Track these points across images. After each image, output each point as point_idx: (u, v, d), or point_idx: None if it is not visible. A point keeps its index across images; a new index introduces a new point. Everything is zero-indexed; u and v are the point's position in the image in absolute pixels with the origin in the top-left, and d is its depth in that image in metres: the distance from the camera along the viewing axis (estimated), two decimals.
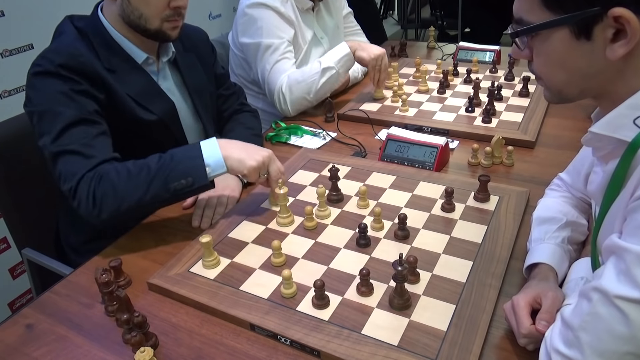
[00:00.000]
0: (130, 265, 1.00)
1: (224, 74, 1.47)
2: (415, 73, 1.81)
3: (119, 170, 1.00)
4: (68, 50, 1.07)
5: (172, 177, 0.99)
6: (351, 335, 0.79)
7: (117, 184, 0.99)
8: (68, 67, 1.05)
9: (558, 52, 0.67)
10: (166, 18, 1.13)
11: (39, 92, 1.05)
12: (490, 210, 1.06)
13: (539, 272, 0.82)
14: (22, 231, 1.34)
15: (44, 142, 1.03)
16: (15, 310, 1.93)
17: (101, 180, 0.99)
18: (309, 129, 1.53)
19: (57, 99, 1.04)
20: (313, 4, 1.74)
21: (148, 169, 1.00)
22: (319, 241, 1.02)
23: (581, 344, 0.59)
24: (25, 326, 0.89)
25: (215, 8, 2.85)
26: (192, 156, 1.02)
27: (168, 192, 1.00)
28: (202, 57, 1.37)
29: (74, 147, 1.02)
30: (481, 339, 0.76)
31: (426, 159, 1.25)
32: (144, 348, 0.74)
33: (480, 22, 3.91)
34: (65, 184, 1.01)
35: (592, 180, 0.77)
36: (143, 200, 0.99)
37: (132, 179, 0.99)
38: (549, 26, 0.65)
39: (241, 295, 0.89)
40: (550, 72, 0.70)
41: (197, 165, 1.01)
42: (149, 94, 1.19)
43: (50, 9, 1.88)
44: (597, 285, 0.59)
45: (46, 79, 1.05)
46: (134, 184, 0.99)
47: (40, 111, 1.04)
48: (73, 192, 1.00)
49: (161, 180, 0.99)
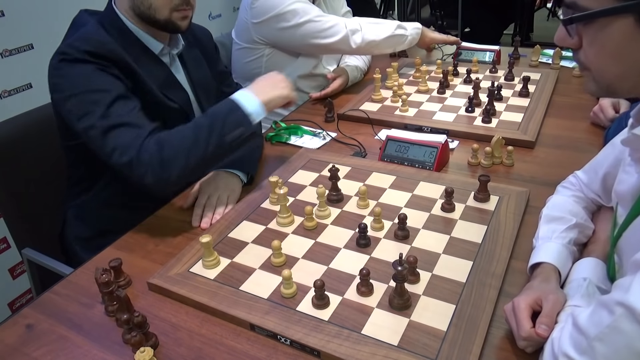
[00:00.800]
0: (130, 265, 1.00)
1: (226, 72, 1.49)
2: (415, 73, 1.81)
3: (175, 134, 1.05)
4: (96, 38, 1.08)
5: (225, 129, 1.05)
6: (351, 335, 0.79)
7: (179, 145, 1.03)
8: (96, 54, 1.06)
9: (616, 43, 0.60)
10: (175, 7, 1.14)
11: (70, 77, 1.06)
12: (490, 210, 1.06)
13: (542, 271, 0.82)
14: (22, 231, 1.34)
15: (90, 121, 1.03)
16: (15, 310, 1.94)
17: (163, 144, 1.02)
18: (309, 129, 1.53)
19: (92, 80, 1.05)
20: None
21: (201, 127, 1.05)
22: (319, 241, 1.02)
23: (595, 353, 0.58)
24: (25, 326, 0.89)
25: (215, 8, 2.86)
26: (233, 108, 1.09)
27: (225, 143, 1.06)
28: (207, 53, 1.39)
29: (124, 120, 1.04)
30: (481, 339, 0.76)
31: (426, 159, 1.25)
32: (144, 348, 0.74)
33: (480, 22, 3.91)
34: (123, 156, 1.02)
35: (623, 180, 0.73)
36: (206, 155, 1.04)
37: (189, 138, 1.04)
38: (611, 13, 0.58)
39: (241, 295, 0.89)
40: (603, 63, 0.63)
41: (242, 115, 1.08)
42: (169, 85, 1.23)
43: (50, 9, 1.88)
44: (622, 300, 0.57)
45: (75, 65, 1.06)
46: (195, 142, 1.03)
47: (77, 93, 1.05)
48: (136, 162, 1.01)
49: (217, 134, 1.05)
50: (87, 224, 1.28)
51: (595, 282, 0.76)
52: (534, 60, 1.86)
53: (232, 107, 1.09)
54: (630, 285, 0.57)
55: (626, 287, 0.57)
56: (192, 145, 1.03)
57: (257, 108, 1.10)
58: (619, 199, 0.73)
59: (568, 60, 1.84)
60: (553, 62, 1.84)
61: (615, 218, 0.74)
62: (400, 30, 1.75)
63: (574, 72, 1.75)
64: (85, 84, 1.05)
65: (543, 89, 1.61)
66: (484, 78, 1.71)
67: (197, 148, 1.03)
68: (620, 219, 0.71)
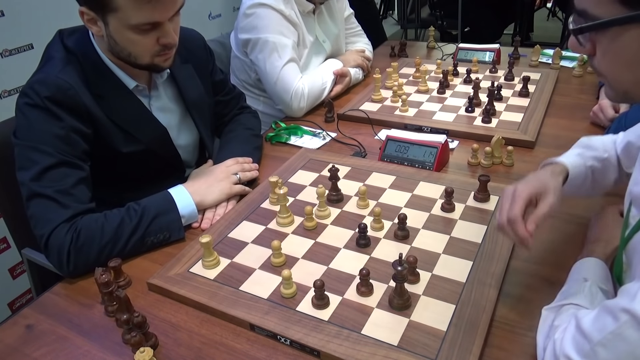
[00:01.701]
0: (130, 265, 1.00)
1: (222, 80, 1.44)
2: (415, 73, 1.81)
3: (96, 226, 0.99)
4: (56, 83, 1.03)
5: (149, 233, 1.03)
6: (351, 335, 0.79)
7: (92, 242, 0.98)
8: (55, 100, 1.02)
9: (630, 52, 0.59)
10: (156, 54, 1.08)
11: (25, 124, 1.03)
12: (490, 210, 1.06)
13: (554, 166, 0.84)
14: (22, 231, 1.34)
15: (22, 177, 1.01)
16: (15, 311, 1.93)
17: (79, 234, 0.97)
18: (309, 129, 1.53)
19: (42, 137, 1.01)
20: (314, 6, 1.74)
21: (126, 227, 1.01)
22: (318, 241, 1.02)
23: (598, 358, 0.58)
24: (25, 326, 0.89)
25: (215, 8, 2.85)
26: (167, 210, 1.06)
27: (145, 246, 1.03)
28: (200, 66, 1.33)
29: (51, 192, 0.99)
30: (481, 339, 0.76)
31: (426, 159, 1.25)
32: (144, 348, 0.73)
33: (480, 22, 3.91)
34: (37, 229, 0.99)
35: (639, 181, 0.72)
36: (118, 255, 0.99)
37: (107, 236, 0.99)
38: (623, 22, 0.57)
39: (241, 295, 0.89)
40: (618, 72, 0.63)
41: (173, 220, 1.06)
42: (138, 121, 1.17)
43: (50, 9, 1.88)
44: (628, 307, 0.56)
45: (33, 111, 1.02)
46: (111, 241, 0.99)
47: (24, 145, 1.02)
48: (45, 240, 0.97)
49: (139, 236, 1.02)
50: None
51: (598, 283, 0.76)
52: (534, 60, 1.86)
53: (167, 206, 1.06)
54: (636, 293, 0.57)
55: (632, 294, 0.57)
56: (109, 242, 0.99)
57: (192, 211, 1.09)
58: (634, 199, 0.72)
59: (568, 60, 1.85)
60: (553, 62, 1.84)
61: (627, 218, 0.73)
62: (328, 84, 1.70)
63: (574, 72, 1.75)
64: (33, 139, 1.01)
65: (543, 89, 1.61)
66: (483, 78, 1.71)
67: (113, 247, 0.99)
68: (633, 220, 0.70)
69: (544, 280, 0.89)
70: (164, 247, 1.06)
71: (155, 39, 1.06)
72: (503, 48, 1.96)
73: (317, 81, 1.66)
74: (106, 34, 1.04)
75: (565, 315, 0.71)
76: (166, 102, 1.26)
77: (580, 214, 1.02)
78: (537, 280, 0.89)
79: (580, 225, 0.98)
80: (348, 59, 1.84)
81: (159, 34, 1.05)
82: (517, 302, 0.85)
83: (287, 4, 1.63)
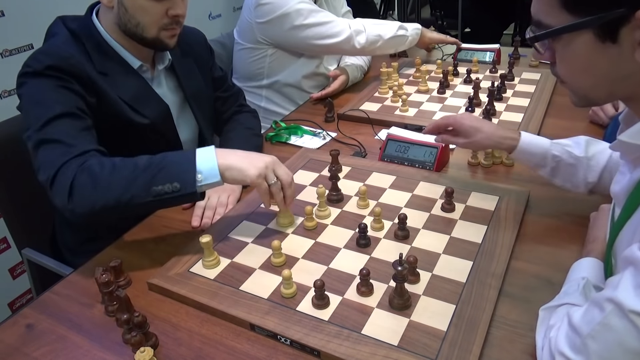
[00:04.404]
0: (130, 265, 1.00)
1: (222, 76, 1.46)
2: (415, 73, 1.81)
3: (102, 163, 0.94)
4: (58, 53, 1.05)
5: (158, 179, 0.92)
6: (351, 335, 0.79)
7: (97, 177, 0.92)
8: (57, 68, 1.04)
9: (582, 57, 0.63)
10: (164, 27, 1.11)
11: (27, 90, 1.05)
12: (490, 210, 1.06)
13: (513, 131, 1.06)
14: (22, 231, 1.34)
15: (27, 133, 1.00)
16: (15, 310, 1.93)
17: (82, 171, 0.93)
18: (309, 129, 1.53)
19: (45, 94, 1.02)
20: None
21: (134, 167, 0.93)
22: (319, 241, 1.02)
23: (589, 351, 0.59)
24: (25, 326, 0.89)
25: (215, 8, 2.85)
26: (184, 161, 0.95)
27: (150, 195, 0.92)
28: (200, 61, 1.36)
29: (57, 137, 0.97)
30: (481, 339, 0.76)
31: (426, 159, 1.25)
32: (144, 348, 0.74)
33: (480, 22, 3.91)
34: (43, 173, 0.95)
35: (618, 181, 0.74)
36: (121, 200, 0.91)
37: (114, 174, 0.92)
38: (571, 30, 0.61)
39: (241, 295, 0.89)
40: (575, 77, 0.67)
41: (187, 170, 0.93)
42: (143, 97, 1.18)
43: (50, 9, 1.88)
44: (612, 296, 0.57)
45: (34, 79, 1.04)
46: (115, 180, 0.92)
47: (27, 107, 1.03)
48: (51, 180, 0.93)
49: (145, 180, 0.92)
50: (74, 231, 1.27)
51: (594, 281, 0.76)
52: (534, 60, 1.86)
53: (184, 158, 0.95)
54: (619, 282, 0.58)
55: (615, 284, 0.58)
56: (110, 182, 0.92)
57: (212, 169, 0.94)
58: (615, 198, 0.74)
59: None
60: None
61: (613, 218, 0.74)
62: (402, 31, 1.77)
63: None
64: (35, 99, 1.02)
65: (543, 89, 1.61)
66: (484, 78, 1.71)
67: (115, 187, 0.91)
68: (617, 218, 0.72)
69: (544, 280, 0.89)
70: (164, 247, 1.06)
71: (165, 10, 1.09)
72: (503, 48, 1.96)
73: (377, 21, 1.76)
74: (117, 2, 1.08)
75: (561, 314, 0.71)
76: (166, 91, 1.28)
77: (580, 214, 1.02)
78: (537, 280, 0.89)
79: (580, 225, 0.98)
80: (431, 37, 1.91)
81: (169, 4, 1.09)
82: (517, 302, 0.85)
83: None
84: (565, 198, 1.10)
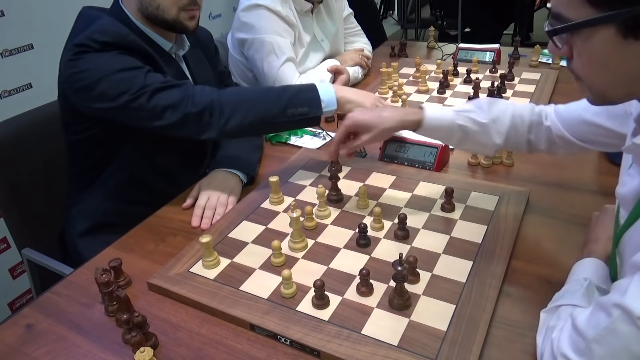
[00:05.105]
0: (130, 265, 1.00)
1: (225, 72, 1.49)
2: (415, 73, 1.81)
3: (239, 90, 1.10)
4: (114, 30, 1.08)
5: (292, 103, 1.10)
6: (351, 335, 0.79)
7: (244, 97, 1.09)
8: (117, 44, 1.06)
9: (602, 53, 0.60)
10: (183, 7, 1.14)
11: (95, 64, 1.05)
12: (490, 210, 1.06)
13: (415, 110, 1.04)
14: (22, 231, 1.34)
15: (132, 92, 1.03)
16: (15, 310, 1.93)
17: (222, 94, 1.08)
18: (309, 129, 1.53)
19: (122, 61, 1.05)
20: (312, 5, 1.74)
21: (271, 91, 1.11)
22: (319, 241, 1.02)
23: (593, 355, 0.59)
24: (25, 326, 0.89)
25: (215, 8, 2.86)
26: (309, 89, 1.14)
27: (285, 116, 1.10)
28: (208, 55, 1.39)
29: (167, 83, 1.07)
30: (481, 339, 0.76)
31: (426, 159, 1.25)
32: (144, 348, 0.74)
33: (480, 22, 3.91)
34: (178, 112, 1.05)
35: (625, 183, 0.72)
36: (265, 117, 1.09)
37: (257, 96, 1.09)
38: (592, 24, 0.58)
39: (241, 295, 0.89)
40: (593, 73, 0.64)
41: (314, 97, 1.13)
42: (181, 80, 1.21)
43: (50, 9, 1.88)
44: (619, 302, 0.57)
45: (97, 55, 1.05)
46: (260, 100, 1.09)
47: (109, 74, 1.04)
48: (190, 107, 1.05)
49: (283, 102, 1.09)
50: (88, 218, 1.27)
51: (596, 282, 0.76)
52: (534, 60, 1.86)
53: (309, 87, 1.14)
54: (627, 287, 0.57)
55: (623, 289, 0.57)
56: (256, 101, 1.08)
57: (331, 98, 1.15)
58: (621, 201, 0.73)
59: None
60: (553, 62, 1.84)
61: (617, 219, 0.74)
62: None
63: None
64: (115, 65, 1.04)
65: (543, 89, 1.61)
66: (484, 78, 1.71)
67: (261, 105, 1.08)
68: (622, 220, 0.71)
69: (544, 280, 0.89)
70: (164, 247, 1.06)
71: None
72: (503, 48, 1.96)
73: (314, 80, 1.66)
74: None
75: (563, 315, 0.71)
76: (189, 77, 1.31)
77: (580, 214, 1.02)
78: (537, 280, 0.89)
79: (580, 225, 0.98)
80: (346, 58, 1.84)
81: None
82: (517, 302, 0.85)
83: (284, 4, 1.64)
84: (565, 198, 1.10)
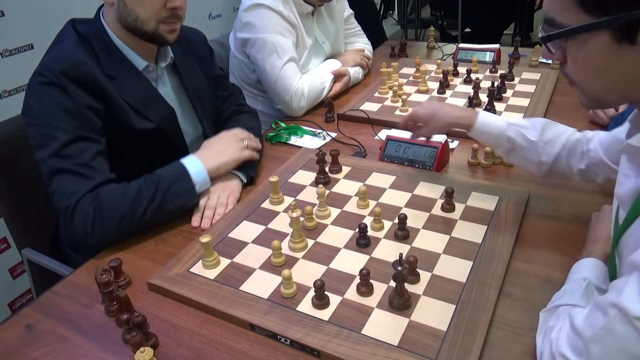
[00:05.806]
0: (130, 265, 1.00)
1: (221, 75, 1.46)
2: (415, 73, 1.81)
3: (117, 195, 1.03)
4: (69, 59, 1.06)
5: (166, 201, 1.07)
6: (351, 335, 0.79)
7: (115, 210, 1.02)
8: (69, 76, 1.04)
9: (597, 58, 0.61)
10: (162, 20, 1.12)
11: (39, 103, 1.05)
12: (490, 210, 1.06)
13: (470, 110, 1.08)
14: (22, 231, 1.34)
15: (41, 155, 1.03)
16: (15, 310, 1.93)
17: (101, 203, 1.01)
18: (309, 129, 1.53)
19: (58, 114, 1.03)
20: (313, 8, 1.73)
21: (144, 195, 1.05)
22: (318, 241, 1.02)
23: (590, 355, 0.59)
24: (25, 326, 0.89)
25: (215, 8, 2.85)
26: (181, 177, 1.10)
27: (163, 212, 1.07)
28: (201, 60, 1.36)
29: (72, 166, 1.02)
30: (481, 339, 0.76)
31: (426, 159, 1.25)
32: (144, 348, 0.73)
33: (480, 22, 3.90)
34: (61, 202, 1.02)
35: (623, 183, 0.73)
36: (140, 223, 1.05)
37: (130, 202, 1.03)
38: (587, 30, 0.59)
39: (241, 295, 0.89)
40: (588, 79, 0.64)
41: (188, 187, 1.10)
42: (149, 101, 1.19)
43: (50, 9, 1.88)
44: (616, 302, 0.57)
45: (47, 89, 1.04)
46: (133, 208, 1.03)
47: (39, 123, 1.04)
48: (71, 211, 1.01)
49: (156, 204, 1.05)
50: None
51: (595, 282, 0.76)
52: (534, 60, 1.86)
53: (180, 174, 1.10)
54: (624, 287, 0.57)
55: (620, 289, 0.58)
56: (129, 210, 1.03)
57: (204, 177, 1.13)
58: (619, 201, 0.74)
59: None
60: (553, 62, 1.84)
61: (617, 219, 0.74)
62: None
63: None
64: (49, 116, 1.03)
65: (543, 89, 1.61)
66: (484, 78, 1.71)
67: (134, 214, 1.03)
68: (621, 220, 0.71)
69: (544, 280, 0.89)
70: (164, 247, 1.06)
71: (163, 3, 1.10)
72: (503, 48, 1.96)
73: (316, 80, 1.66)
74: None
75: (562, 315, 0.71)
76: (169, 90, 1.29)
77: (580, 214, 1.02)
78: (537, 280, 0.89)
79: (580, 225, 0.98)
80: (347, 58, 1.84)
81: None
82: (517, 302, 0.85)
83: (286, 5, 1.63)
84: (565, 198, 1.10)
